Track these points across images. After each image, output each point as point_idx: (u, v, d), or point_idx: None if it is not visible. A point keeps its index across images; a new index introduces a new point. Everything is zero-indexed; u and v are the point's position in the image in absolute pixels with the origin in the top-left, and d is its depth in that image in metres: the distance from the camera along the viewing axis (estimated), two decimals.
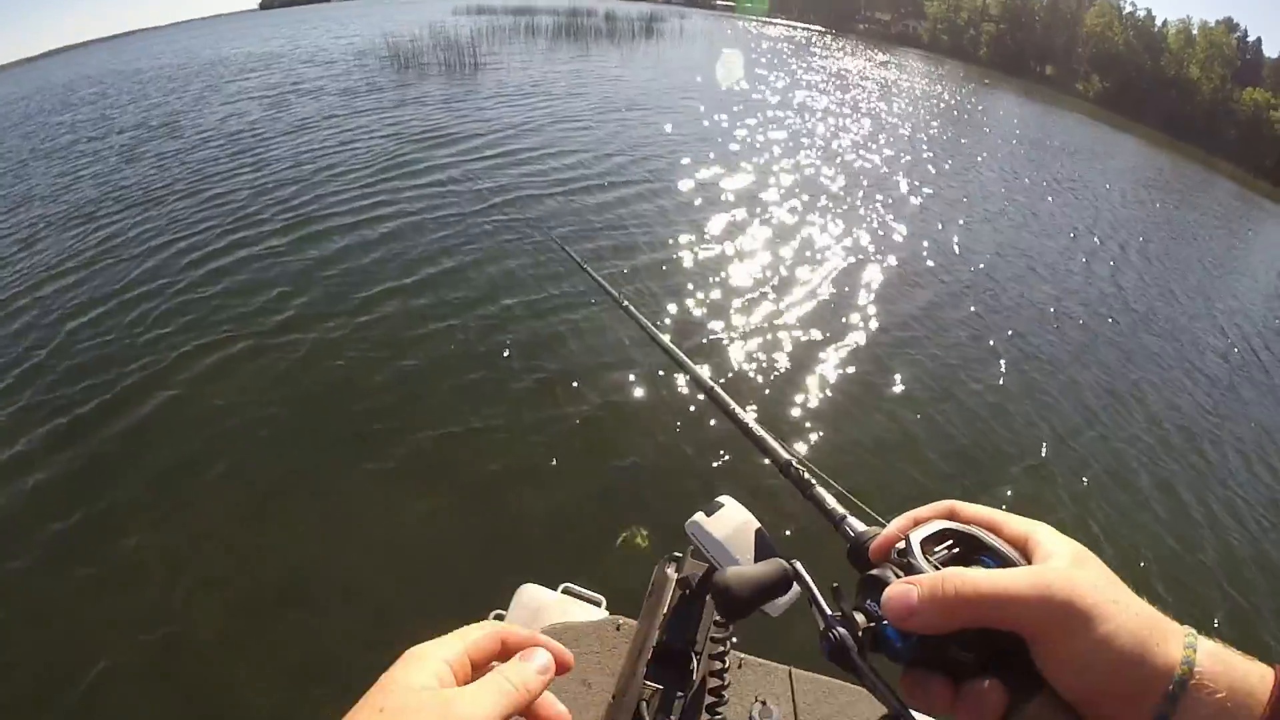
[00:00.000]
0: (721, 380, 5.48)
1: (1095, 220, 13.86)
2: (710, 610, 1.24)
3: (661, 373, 5.66)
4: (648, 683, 1.20)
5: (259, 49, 31.75)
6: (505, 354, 5.83)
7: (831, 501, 0.80)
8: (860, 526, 0.71)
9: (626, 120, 14.59)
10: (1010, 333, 7.68)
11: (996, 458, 5.50)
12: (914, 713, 0.52)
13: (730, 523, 1.04)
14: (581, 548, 4.00)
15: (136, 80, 24.44)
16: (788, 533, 4.03)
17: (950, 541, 0.56)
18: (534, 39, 32.00)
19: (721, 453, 4.83)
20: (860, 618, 0.55)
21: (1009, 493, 5.11)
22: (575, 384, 5.52)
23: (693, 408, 5.28)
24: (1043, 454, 5.67)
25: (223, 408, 5.07)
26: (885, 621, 0.52)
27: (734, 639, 1.22)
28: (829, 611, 0.57)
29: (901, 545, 0.57)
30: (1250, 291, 13.02)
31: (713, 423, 5.10)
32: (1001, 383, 6.60)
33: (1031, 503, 5.10)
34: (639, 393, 5.49)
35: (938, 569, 0.53)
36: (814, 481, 0.84)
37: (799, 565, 0.67)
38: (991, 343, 7.33)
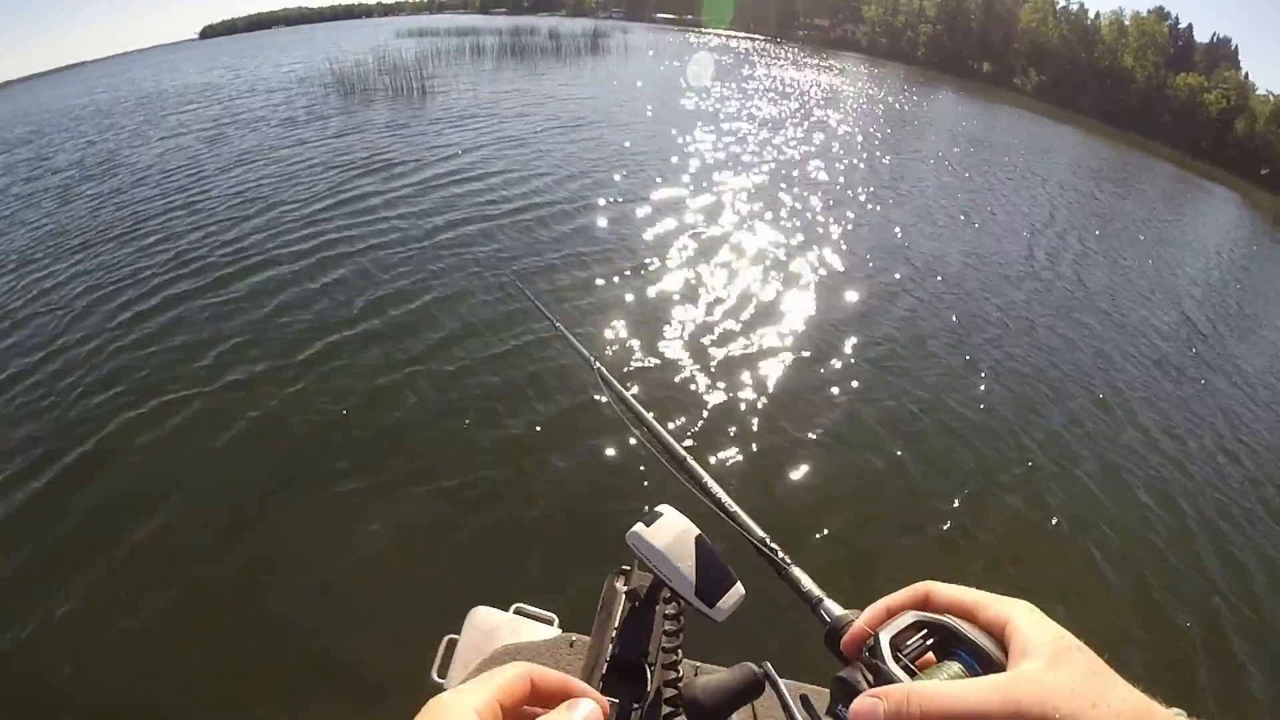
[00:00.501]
0: (676, 431, 5.42)
1: (1044, 215, 14.09)
2: (660, 620, 1.22)
3: (614, 410, 5.53)
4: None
5: (199, 79, 31.39)
6: (455, 387, 5.77)
7: (807, 583, 0.79)
8: (837, 610, 0.70)
9: (574, 140, 14.48)
10: (978, 344, 7.58)
11: (968, 485, 5.32)
12: None
13: (670, 531, 1.03)
14: (532, 567, 4.01)
15: (75, 117, 23.91)
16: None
17: (925, 632, 0.54)
18: (480, 59, 31.86)
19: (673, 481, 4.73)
20: None
21: (986, 520, 5.00)
22: (525, 415, 5.44)
23: (639, 439, 5.17)
24: (1014, 471, 5.59)
25: (167, 461, 4.87)
26: None
27: (681, 649, 1.19)
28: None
29: (872, 643, 0.55)
30: (1199, 271, 13.53)
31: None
32: (970, 401, 6.44)
33: (1013, 517, 5.08)
34: (590, 424, 5.39)
35: (911, 668, 0.52)
36: (789, 561, 0.84)
37: (770, 668, 0.67)
38: (963, 357, 7.21)
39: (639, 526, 1.04)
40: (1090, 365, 7.69)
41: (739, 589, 1.00)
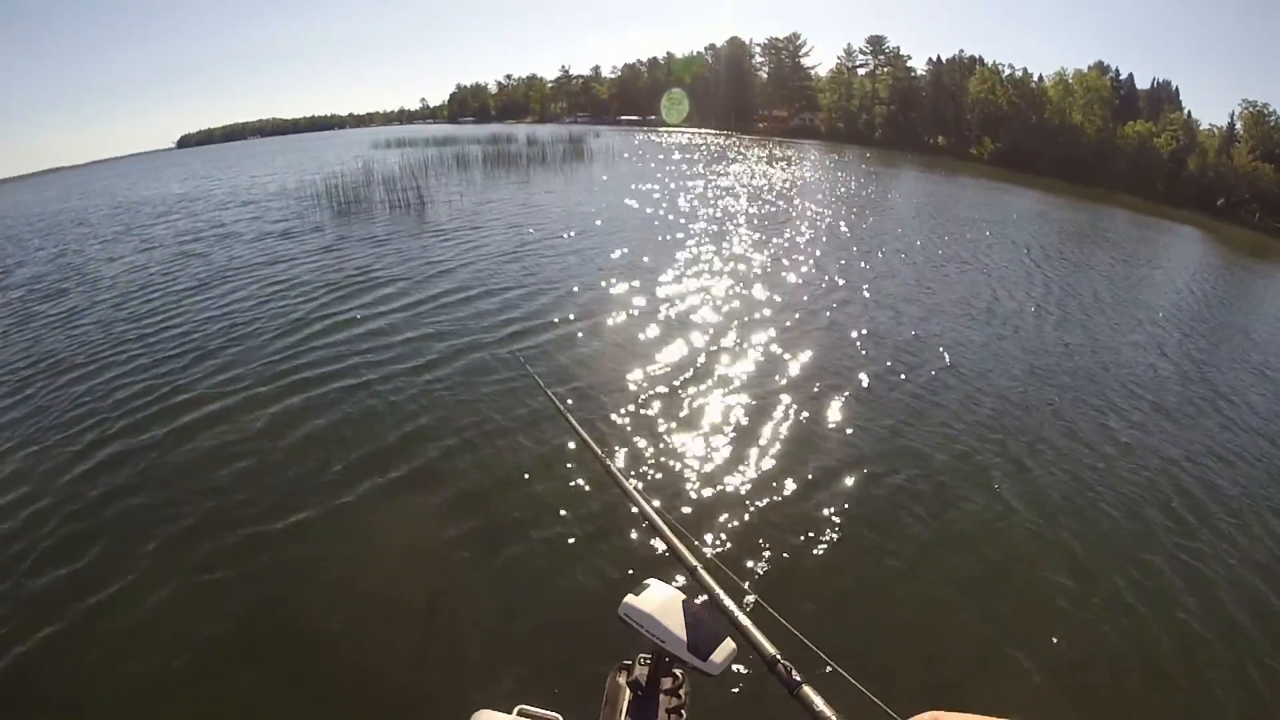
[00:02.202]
0: (692, 538, 5.23)
1: (1042, 291, 13.93)
2: (662, 704, 1.26)
3: (614, 501, 5.39)
4: None
5: (177, 189, 31.92)
6: (458, 489, 5.60)
7: (820, 703, 0.82)
8: None
9: (568, 252, 14.19)
10: (1001, 440, 6.99)
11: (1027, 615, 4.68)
12: None
13: (658, 598, 1.14)
14: (533, 666, 3.91)
15: (50, 224, 24.01)
16: None
17: None
18: (468, 169, 31.89)
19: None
20: None
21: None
22: (527, 517, 5.30)
23: (641, 537, 5.04)
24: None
25: (139, 654, 4.05)
26: None
27: None
28: None
29: None
30: (1200, 324, 13.65)
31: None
32: (994, 511, 5.78)
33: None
34: (588, 524, 5.22)
35: None
36: (800, 679, 0.87)
37: None
38: (978, 460, 6.54)
39: (628, 597, 1.13)
40: (1152, 468, 6.84)
41: (730, 644, 1.07)
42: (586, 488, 5.57)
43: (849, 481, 5.94)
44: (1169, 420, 8.11)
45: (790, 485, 5.78)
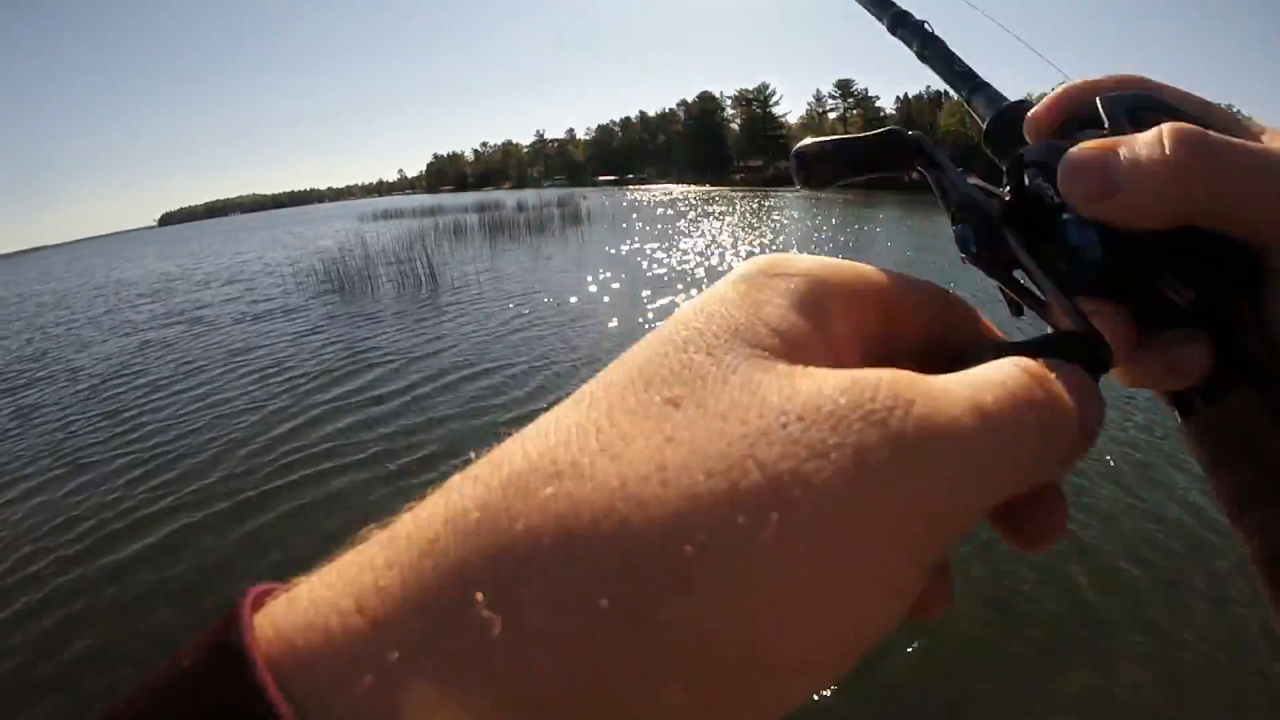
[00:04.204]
0: None
1: None
2: None
3: None
4: None
5: (157, 267, 31.54)
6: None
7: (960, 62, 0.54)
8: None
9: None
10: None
11: None
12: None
13: None
14: None
15: (29, 307, 23.09)
16: None
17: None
18: (469, 239, 31.04)
19: None
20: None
21: None
22: None
23: None
24: None
25: None
26: (1062, 211, 0.31)
27: None
28: (962, 187, 0.37)
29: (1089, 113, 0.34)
30: None
31: None
32: None
33: None
34: None
35: None
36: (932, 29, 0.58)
37: (924, 139, 0.39)
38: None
39: None
40: None
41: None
42: None
43: None
44: None
45: None
